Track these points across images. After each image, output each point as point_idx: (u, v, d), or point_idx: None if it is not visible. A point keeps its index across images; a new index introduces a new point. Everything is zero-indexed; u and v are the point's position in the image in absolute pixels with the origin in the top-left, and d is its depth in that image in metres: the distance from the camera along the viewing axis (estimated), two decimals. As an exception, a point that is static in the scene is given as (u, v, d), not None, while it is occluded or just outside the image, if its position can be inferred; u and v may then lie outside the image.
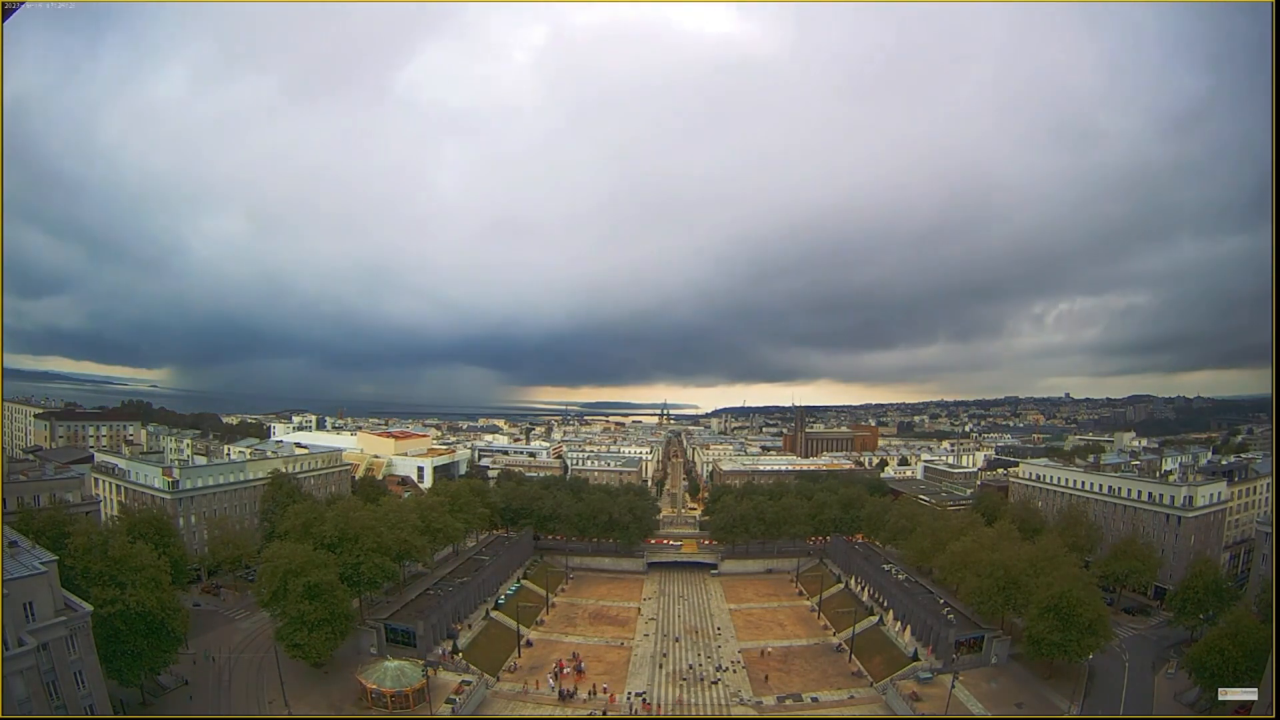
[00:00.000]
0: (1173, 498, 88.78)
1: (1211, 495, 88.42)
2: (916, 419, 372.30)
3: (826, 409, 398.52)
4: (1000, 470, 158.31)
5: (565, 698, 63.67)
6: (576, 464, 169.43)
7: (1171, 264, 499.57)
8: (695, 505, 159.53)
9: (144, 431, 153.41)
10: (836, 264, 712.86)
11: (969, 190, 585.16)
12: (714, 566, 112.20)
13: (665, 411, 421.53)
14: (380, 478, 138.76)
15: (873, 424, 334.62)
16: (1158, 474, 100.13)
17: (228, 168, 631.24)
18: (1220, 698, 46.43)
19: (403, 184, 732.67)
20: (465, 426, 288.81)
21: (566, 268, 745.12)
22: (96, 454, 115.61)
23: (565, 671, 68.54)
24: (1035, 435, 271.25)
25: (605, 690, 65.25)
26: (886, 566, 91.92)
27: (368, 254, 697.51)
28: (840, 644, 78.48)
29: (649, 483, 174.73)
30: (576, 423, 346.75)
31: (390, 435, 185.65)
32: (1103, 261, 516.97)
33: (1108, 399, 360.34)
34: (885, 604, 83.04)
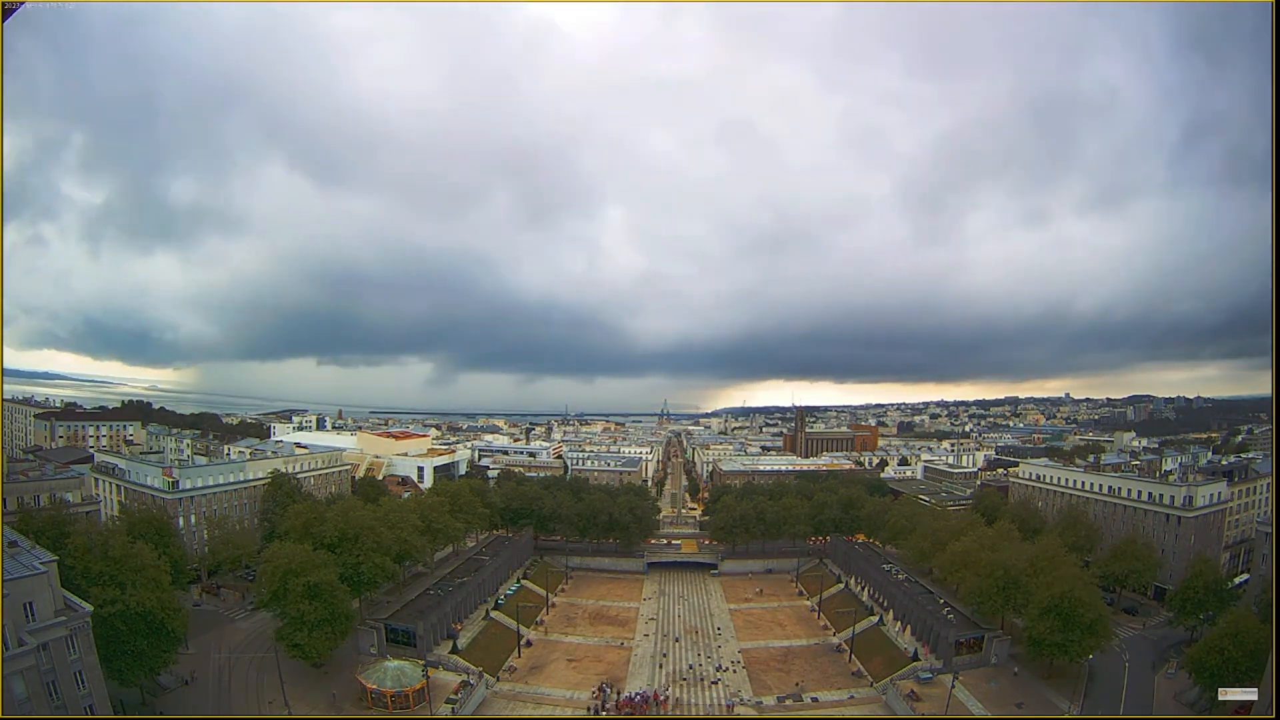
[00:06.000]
0: (1173, 498, 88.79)
1: (1211, 495, 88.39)
2: (916, 419, 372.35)
3: (827, 409, 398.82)
4: (1000, 470, 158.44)
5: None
6: (576, 464, 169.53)
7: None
8: (695, 505, 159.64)
9: (144, 431, 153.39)
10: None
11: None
12: (714, 566, 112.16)
13: (665, 412, 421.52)
14: (380, 478, 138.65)
15: (873, 424, 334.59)
16: (1158, 474, 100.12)
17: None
18: (1220, 698, 46.44)
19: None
20: (465, 426, 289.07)
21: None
22: (96, 454, 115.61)
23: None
24: (1035, 435, 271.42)
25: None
26: (886, 566, 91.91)
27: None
28: (840, 644, 78.46)
29: (649, 483, 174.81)
30: (576, 423, 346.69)
31: (390, 435, 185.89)
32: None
33: (1108, 399, 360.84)
34: (885, 604, 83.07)
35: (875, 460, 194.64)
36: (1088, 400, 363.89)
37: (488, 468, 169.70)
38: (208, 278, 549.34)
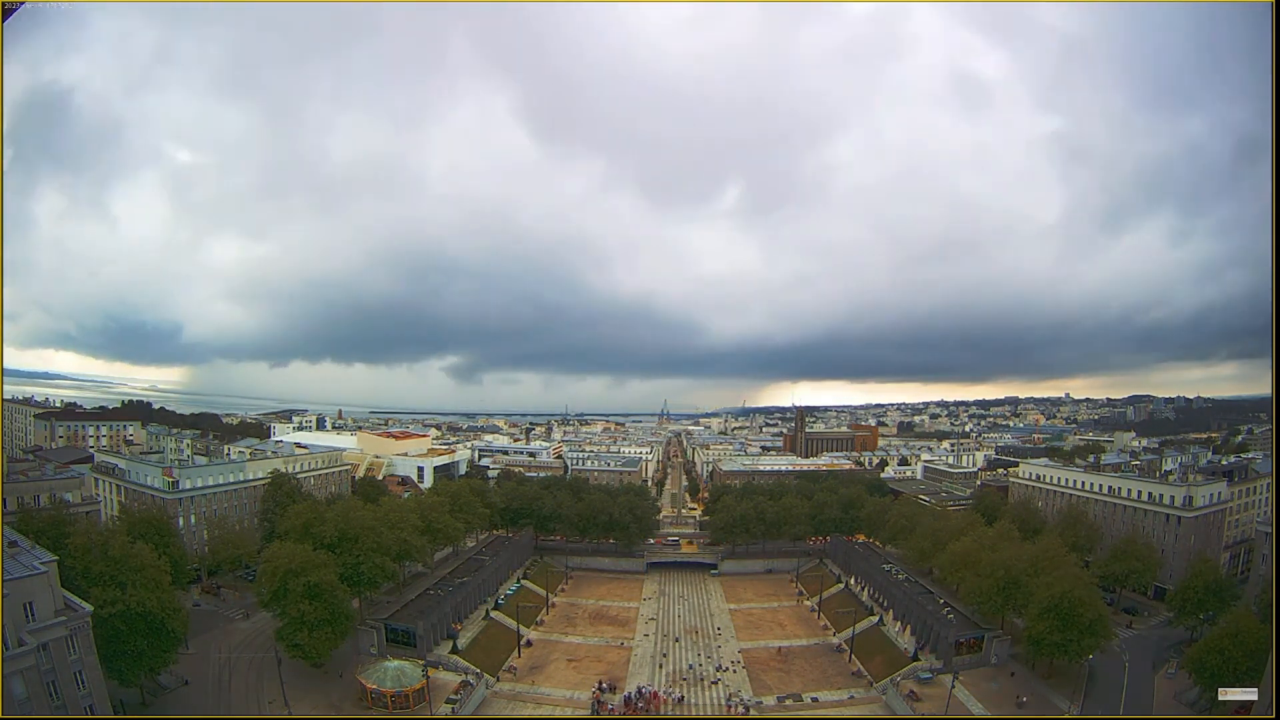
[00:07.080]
0: (1173, 498, 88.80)
1: (1211, 495, 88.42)
2: (916, 419, 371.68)
3: (826, 409, 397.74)
4: (1000, 470, 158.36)
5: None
6: (577, 464, 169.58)
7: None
8: (695, 505, 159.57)
9: (144, 431, 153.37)
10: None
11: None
12: (714, 566, 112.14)
13: (665, 412, 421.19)
14: (380, 478, 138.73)
15: (873, 424, 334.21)
16: (1158, 474, 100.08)
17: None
18: (1220, 698, 46.42)
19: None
20: (465, 427, 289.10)
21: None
22: (96, 454, 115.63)
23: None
24: (1035, 435, 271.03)
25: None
26: (886, 566, 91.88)
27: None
28: (840, 644, 78.44)
29: (649, 483, 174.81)
30: (576, 423, 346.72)
31: (390, 435, 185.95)
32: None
33: (1108, 399, 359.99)
34: (885, 604, 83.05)
35: (875, 460, 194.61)
36: (1087, 400, 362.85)
37: (488, 468, 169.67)
38: (279, 265, 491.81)
